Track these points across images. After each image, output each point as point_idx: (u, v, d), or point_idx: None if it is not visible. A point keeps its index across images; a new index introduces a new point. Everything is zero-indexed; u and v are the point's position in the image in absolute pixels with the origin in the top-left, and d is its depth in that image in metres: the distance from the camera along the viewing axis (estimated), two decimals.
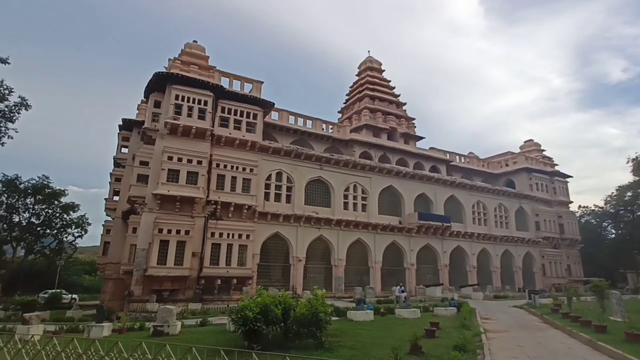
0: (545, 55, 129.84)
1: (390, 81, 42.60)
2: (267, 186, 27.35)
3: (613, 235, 56.22)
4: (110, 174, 33.14)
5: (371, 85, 40.62)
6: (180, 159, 23.10)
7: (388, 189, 33.35)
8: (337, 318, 14.63)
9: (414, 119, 41.38)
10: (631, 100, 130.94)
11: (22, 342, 8.39)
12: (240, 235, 24.22)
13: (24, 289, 35.40)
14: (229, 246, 23.68)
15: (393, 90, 42.02)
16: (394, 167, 33.90)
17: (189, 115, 24.17)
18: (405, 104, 41.83)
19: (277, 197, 27.57)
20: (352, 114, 40.24)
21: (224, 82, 26.73)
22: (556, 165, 48.48)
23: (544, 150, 49.43)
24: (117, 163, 32.70)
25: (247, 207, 24.84)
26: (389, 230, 31.91)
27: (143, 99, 30.00)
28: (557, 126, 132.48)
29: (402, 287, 23.57)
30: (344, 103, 43.45)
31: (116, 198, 31.37)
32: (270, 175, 27.56)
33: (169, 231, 21.77)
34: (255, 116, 27.02)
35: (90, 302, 32.83)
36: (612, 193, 54.71)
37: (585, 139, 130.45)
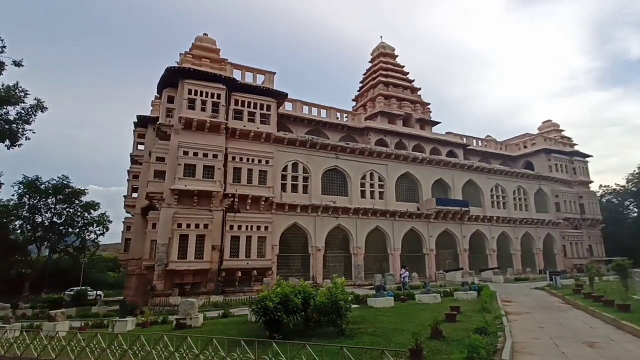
0: (564, 34, 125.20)
1: (404, 67, 41.79)
2: (284, 177, 27.44)
3: (635, 214, 54.80)
4: (128, 171, 33.81)
5: (385, 72, 39.95)
6: (196, 154, 23.34)
7: (405, 176, 33.01)
8: (357, 306, 14.65)
9: (429, 104, 40.60)
10: None
11: (48, 339, 8.73)
12: (259, 227, 24.45)
13: (50, 288, 36.66)
14: (249, 238, 23.94)
15: (407, 76, 41.23)
16: (410, 154, 33.46)
17: (203, 110, 24.33)
18: (420, 89, 41.04)
19: (294, 188, 27.66)
20: (366, 102, 39.77)
21: (237, 75, 26.75)
22: (576, 145, 46.94)
23: (563, 131, 47.96)
24: (135, 160, 33.33)
25: (264, 199, 25.01)
26: (408, 217, 31.66)
27: (157, 95, 30.37)
28: (576, 106, 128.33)
29: (406, 271, 23.45)
30: (358, 91, 42.92)
31: (135, 195, 32.02)
32: (286, 166, 27.62)
33: (188, 226, 22.14)
34: (269, 108, 27.01)
35: (115, 298, 33.92)
36: (635, 171, 53.73)
37: (605, 118, 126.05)
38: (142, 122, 33.04)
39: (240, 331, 10.45)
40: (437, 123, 40.20)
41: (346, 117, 35.63)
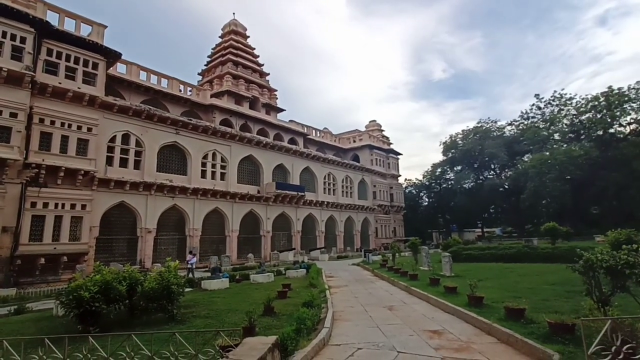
0: (391, 49, 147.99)
1: (254, 49, 41.60)
2: (111, 149, 23.86)
3: (426, 203, 70.79)
4: None
5: (235, 50, 38.92)
6: None
7: (248, 159, 33.30)
8: (191, 289, 14.24)
9: (276, 90, 41.79)
10: (446, 96, 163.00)
11: None
12: (73, 206, 20.66)
13: None
14: (58, 218, 19.99)
15: (257, 59, 41.25)
16: (254, 137, 33.87)
17: None
18: (268, 74, 41.74)
19: (124, 163, 24.41)
20: (213, 78, 38.02)
21: (52, 18, 21.50)
22: (391, 144, 56.83)
23: (383, 131, 57.17)
24: None
25: (82, 172, 21.17)
26: (247, 199, 32.15)
27: None
28: (396, 111, 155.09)
29: (193, 254, 22.43)
30: (205, 65, 40.57)
31: None
32: (114, 137, 24.05)
33: None
34: (95, 66, 22.78)
35: None
36: (428, 169, 69.22)
37: (414, 124, 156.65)
38: None
39: (41, 329, 8.76)
40: (282, 110, 41.90)
41: (190, 91, 33.29)
